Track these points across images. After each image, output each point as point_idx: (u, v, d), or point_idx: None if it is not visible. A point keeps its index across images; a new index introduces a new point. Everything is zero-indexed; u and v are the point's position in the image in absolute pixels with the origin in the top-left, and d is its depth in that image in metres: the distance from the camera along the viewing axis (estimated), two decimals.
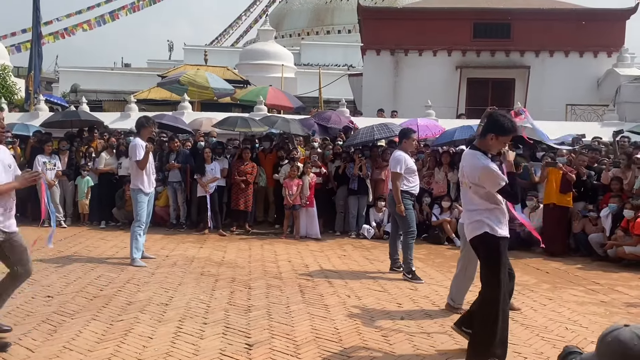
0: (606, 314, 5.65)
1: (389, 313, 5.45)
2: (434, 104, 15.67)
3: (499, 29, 20.32)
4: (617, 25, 20.00)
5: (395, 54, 20.65)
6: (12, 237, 4.38)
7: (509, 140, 4.22)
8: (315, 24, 39.13)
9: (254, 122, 11.90)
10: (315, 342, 4.56)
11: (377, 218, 10.34)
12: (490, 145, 4.18)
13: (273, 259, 7.98)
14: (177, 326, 4.86)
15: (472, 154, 4.22)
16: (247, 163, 10.52)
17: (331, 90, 23.31)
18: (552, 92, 19.44)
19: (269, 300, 5.77)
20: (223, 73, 22.51)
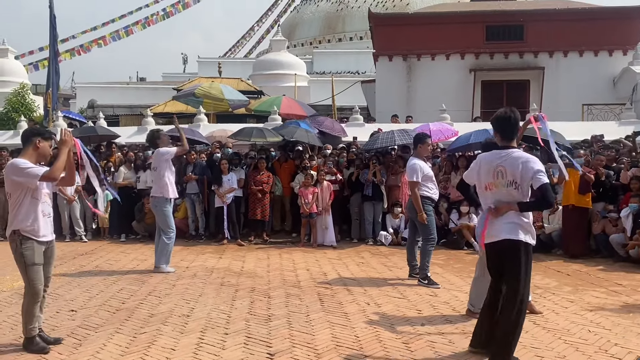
0: (629, 316, 5.58)
1: (409, 320, 5.44)
2: (449, 108, 15.64)
3: (512, 31, 20.23)
4: (632, 22, 19.80)
5: (407, 59, 20.65)
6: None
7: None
8: (326, 32, 39.29)
9: (269, 132, 11.98)
10: (336, 350, 4.58)
11: (393, 224, 10.33)
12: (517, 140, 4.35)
13: (291, 268, 8.01)
14: (199, 337, 4.91)
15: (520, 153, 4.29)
16: (262, 173, 10.59)
17: (344, 98, 23.36)
18: (567, 92, 19.28)
19: (288, 309, 5.80)
20: (237, 84, 22.71)
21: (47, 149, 4.69)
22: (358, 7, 37.66)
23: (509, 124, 4.32)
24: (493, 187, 4.30)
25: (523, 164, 4.14)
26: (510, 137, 4.32)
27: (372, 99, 21.91)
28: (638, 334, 5.00)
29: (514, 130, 4.32)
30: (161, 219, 7.78)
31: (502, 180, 4.24)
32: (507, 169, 4.20)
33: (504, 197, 4.24)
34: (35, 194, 4.54)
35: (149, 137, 8.09)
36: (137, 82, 39.77)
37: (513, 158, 4.20)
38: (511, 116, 4.31)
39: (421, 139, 7.25)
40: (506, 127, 4.34)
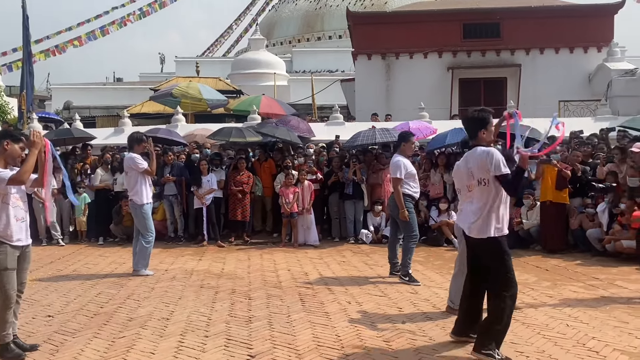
0: (606, 310, 5.66)
1: (390, 318, 5.45)
2: (427, 106, 15.73)
3: (489, 29, 20.42)
4: (606, 20, 20.12)
5: (386, 57, 20.72)
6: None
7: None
8: (305, 30, 39.24)
9: (248, 131, 11.91)
10: (317, 350, 4.56)
11: (374, 222, 10.35)
12: (484, 138, 4.38)
13: (272, 269, 7.98)
14: (179, 340, 4.85)
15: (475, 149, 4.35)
16: (242, 173, 10.53)
17: (324, 97, 23.38)
18: (544, 89, 19.52)
19: (269, 310, 5.77)
20: (215, 84, 22.60)
21: (16, 151, 4.57)
22: (337, 5, 37.69)
23: (471, 123, 4.44)
24: (472, 187, 4.40)
25: (484, 160, 4.23)
26: (473, 135, 4.42)
27: (352, 97, 21.96)
28: (615, 327, 5.07)
29: (477, 129, 4.38)
30: (140, 221, 7.69)
31: (474, 181, 4.35)
32: (474, 169, 4.32)
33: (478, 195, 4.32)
34: (6, 199, 4.43)
35: (128, 139, 8.01)
36: (114, 83, 39.36)
37: (476, 156, 4.31)
38: (473, 116, 4.42)
39: (405, 137, 7.28)
40: (468, 126, 4.49)
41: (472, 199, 4.39)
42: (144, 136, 7.96)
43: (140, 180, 7.66)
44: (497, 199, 4.28)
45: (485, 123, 4.39)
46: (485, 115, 4.41)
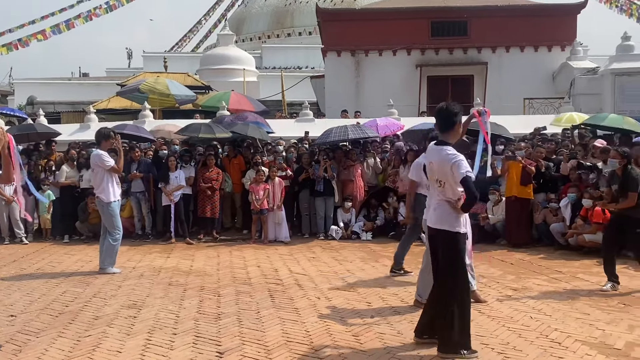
0: (568, 302, 5.82)
1: (359, 312, 5.50)
2: (396, 103, 15.86)
3: (456, 27, 20.68)
4: (569, 19, 20.59)
5: (355, 54, 20.80)
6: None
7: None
8: (275, 27, 39.03)
9: (217, 127, 11.82)
10: (286, 346, 4.57)
11: (344, 218, 10.40)
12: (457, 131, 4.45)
13: (242, 265, 7.95)
14: (146, 338, 4.80)
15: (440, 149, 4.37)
16: (211, 170, 10.45)
17: (294, 93, 23.33)
18: (510, 86, 19.88)
19: (238, 306, 5.75)
20: (184, 79, 22.33)
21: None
22: (306, 2, 37.59)
23: (441, 116, 4.48)
24: (430, 180, 4.53)
25: (447, 164, 4.25)
26: (443, 129, 4.45)
27: (322, 94, 21.99)
28: (577, 318, 5.22)
29: (448, 122, 4.42)
30: (107, 219, 7.57)
31: (433, 176, 4.45)
32: (435, 167, 4.39)
33: (436, 191, 4.43)
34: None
35: (96, 135, 7.87)
36: (80, 78, 38.53)
37: (441, 157, 4.32)
38: (443, 107, 4.46)
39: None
40: (439, 119, 4.51)
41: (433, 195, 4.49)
42: (112, 132, 7.83)
43: (107, 177, 7.54)
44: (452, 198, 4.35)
45: (460, 115, 4.46)
46: (460, 109, 4.48)
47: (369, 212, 10.56)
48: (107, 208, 7.53)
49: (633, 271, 7.30)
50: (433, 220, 4.46)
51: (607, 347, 4.45)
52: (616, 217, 6.55)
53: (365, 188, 10.70)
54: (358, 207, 10.55)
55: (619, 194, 6.39)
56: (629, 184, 6.23)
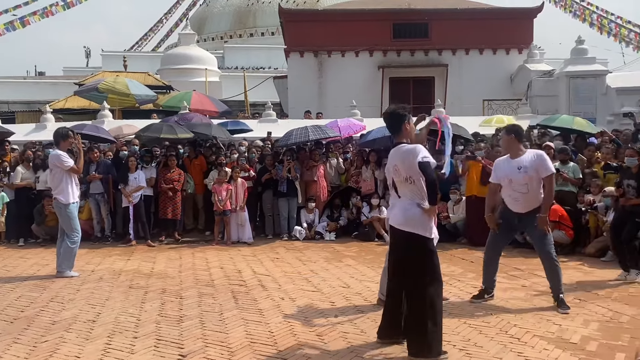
0: (528, 298, 5.97)
1: (323, 312, 5.51)
2: (359, 104, 15.95)
3: (417, 29, 20.93)
4: (526, 23, 21.10)
5: (318, 55, 20.83)
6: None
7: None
8: (237, 26, 38.75)
9: (180, 128, 11.66)
10: (250, 347, 4.54)
11: (308, 219, 10.41)
12: (408, 131, 4.47)
13: (205, 267, 7.86)
14: (106, 342, 4.70)
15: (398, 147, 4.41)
16: (173, 170, 10.31)
17: (257, 93, 23.22)
18: (469, 88, 20.23)
19: (201, 308, 5.69)
20: (144, 79, 21.96)
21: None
22: (269, 2, 37.46)
23: (390, 119, 4.52)
24: (399, 183, 4.47)
25: (408, 157, 4.30)
26: (396, 131, 4.48)
27: (285, 94, 21.93)
28: (534, 314, 5.36)
29: (398, 124, 4.45)
30: (65, 221, 7.37)
31: (400, 178, 4.42)
32: (400, 166, 4.39)
33: (408, 193, 4.40)
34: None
35: (54, 135, 7.65)
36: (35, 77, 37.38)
37: (401, 153, 4.38)
38: (392, 111, 4.52)
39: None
40: (389, 122, 4.55)
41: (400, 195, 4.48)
42: (71, 132, 7.63)
43: (65, 178, 7.34)
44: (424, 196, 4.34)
45: (406, 117, 4.47)
46: (404, 109, 4.52)
47: (332, 212, 10.60)
48: (65, 210, 7.33)
49: (587, 267, 7.56)
50: (401, 221, 4.40)
51: (564, 342, 4.58)
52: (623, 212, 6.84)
53: (328, 188, 10.73)
54: (321, 208, 10.58)
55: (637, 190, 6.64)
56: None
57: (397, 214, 4.46)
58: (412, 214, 4.34)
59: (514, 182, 5.57)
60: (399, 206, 4.47)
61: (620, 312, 5.38)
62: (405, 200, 4.43)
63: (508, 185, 5.67)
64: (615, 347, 4.42)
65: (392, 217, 4.53)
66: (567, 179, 8.83)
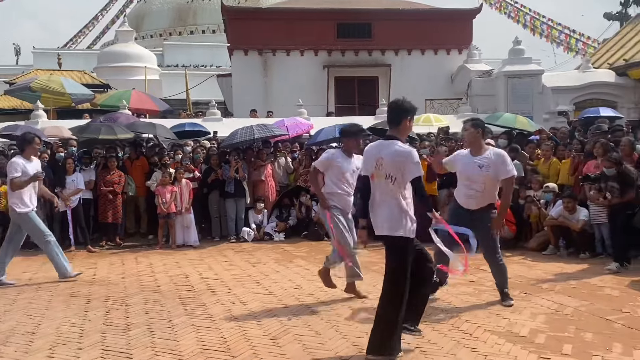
0: (475, 293, 6.08)
1: (276, 315, 5.41)
2: (305, 103, 15.91)
3: (361, 29, 21.07)
4: (465, 24, 21.61)
5: (263, 53, 20.64)
6: None
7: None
8: (177, 24, 37.90)
9: (119, 128, 11.25)
10: (202, 354, 4.40)
11: (256, 220, 10.27)
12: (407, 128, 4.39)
13: (149, 272, 7.60)
14: (48, 355, 4.44)
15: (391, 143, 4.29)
16: (113, 172, 9.94)
17: (200, 92, 22.79)
18: (412, 88, 20.41)
19: (149, 316, 5.48)
20: (80, 77, 21.19)
21: None
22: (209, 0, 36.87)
23: (395, 109, 4.39)
24: (375, 177, 4.33)
25: (400, 157, 4.19)
26: (394, 124, 4.37)
27: (229, 93, 21.62)
28: (484, 309, 5.47)
29: (400, 117, 4.34)
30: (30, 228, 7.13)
31: (381, 172, 4.28)
32: (385, 161, 4.25)
33: (383, 189, 4.30)
34: None
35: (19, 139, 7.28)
36: None
37: (392, 151, 4.23)
38: (400, 103, 4.39)
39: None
40: (392, 112, 4.40)
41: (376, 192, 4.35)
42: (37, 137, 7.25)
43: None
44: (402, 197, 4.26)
45: (412, 113, 4.40)
46: (412, 106, 4.40)
47: (281, 212, 10.50)
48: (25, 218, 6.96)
49: (530, 261, 7.81)
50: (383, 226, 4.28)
51: (513, 335, 4.68)
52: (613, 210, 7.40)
53: (276, 188, 10.63)
54: (270, 208, 10.46)
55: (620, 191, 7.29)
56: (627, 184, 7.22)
57: (377, 221, 4.34)
58: (390, 216, 4.24)
59: (471, 180, 5.49)
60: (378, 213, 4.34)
61: (564, 304, 5.56)
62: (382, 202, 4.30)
63: (464, 182, 5.59)
64: (562, 339, 4.55)
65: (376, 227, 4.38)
66: None
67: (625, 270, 6.95)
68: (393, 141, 4.30)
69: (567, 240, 8.15)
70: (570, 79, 17.45)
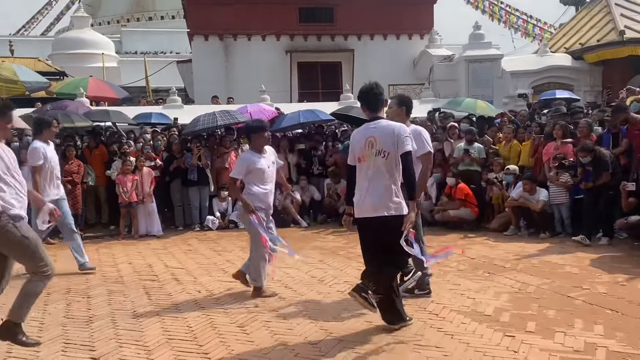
0: (441, 274, 6.15)
1: (243, 302, 5.36)
2: (269, 89, 15.76)
3: (323, 14, 20.91)
4: (427, 9, 21.69)
5: (224, 39, 20.29)
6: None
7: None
8: (135, 9, 36.93)
9: (77, 116, 10.92)
10: (168, 344, 4.32)
11: (220, 208, 10.15)
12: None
13: (112, 263, 7.44)
14: (7, 351, 4.29)
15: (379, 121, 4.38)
16: (72, 162, 9.64)
17: (160, 79, 22.29)
18: (375, 73, 20.29)
19: (111, 307, 5.35)
20: (34, 64, 20.41)
21: None
22: None
23: (371, 95, 4.43)
24: (364, 158, 4.34)
25: (391, 132, 4.26)
26: (375, 108, 4.43)
27: (190, 79, 21.21)
28: (449, 289, 5.54)
29: (378, 101, 4.44)
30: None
31: (372, 150, 4.29)
32: (377, 138, 4.28)
33: (372, 168, 4.29)
34: None
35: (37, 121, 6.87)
36: None
37: (382, 127, 4.32)
38: (372, 88, 4.44)
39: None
40: (370, 98, 4.44)
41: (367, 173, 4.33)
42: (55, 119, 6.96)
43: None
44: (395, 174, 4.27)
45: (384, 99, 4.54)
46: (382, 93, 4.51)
47: None
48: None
49: (492, 242, 7.95)
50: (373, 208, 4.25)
51: (479, 314, 4.75)
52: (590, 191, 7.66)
53: None
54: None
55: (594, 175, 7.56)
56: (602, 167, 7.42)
57: (367, 202, 4.29)
58: (384, 195, 4.23)
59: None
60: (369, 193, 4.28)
61: (527, 282, 5.68)
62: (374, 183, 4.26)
63: None
64: (526, 317, 4.64)
65: (363, 209, 4.31)
66: (474, 159, 9.22)
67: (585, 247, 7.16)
68: (381, 120, 4.40)
69: (528, 220, 8.33)
70: (529, 63, 17.75)
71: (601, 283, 5.58)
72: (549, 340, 4.10)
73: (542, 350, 3.93)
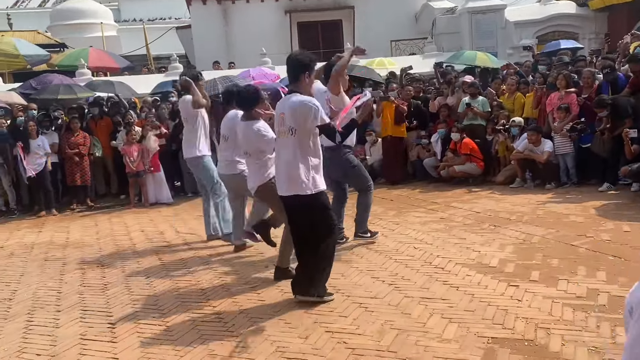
0: (446, 229, 6.24)
1: (254, 264, 5.49)
2: (269, 51, 15.63)
3: None
4: None
5: (222, 2, 20.01)
6: None
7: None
8: None
9: (78, 87, 10.93)
10: (182, 306, 4.46)
11: None
12: (306, 83, 4.19)
13: (124, 232, 7.58)
14: (27, 320, 4.46)
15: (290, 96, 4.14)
16: (77, 134, 9.71)
17: (160, 46, 22.10)
18: (376, 30, 20.24)
19: (126, 274, 5.50)
20: (33, 37, 20.29)
21: None
22: None
23: (292, 65, 4.17)
24: (280, 136, 4.20)
25: (298, 108, 4.03)
26: (292, 80, 4.20)
27: (190, 45, 21.04)
28: (455, 244, 5.62)
29: (295, 69, 4.14)
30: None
31: (283, 128, 4.12)
32: (286, 114, 4.08)
33: (284, 145, 4.13)
34: None
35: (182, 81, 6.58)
36: None
37: (291, 102, 4.07)
38: (295, 57, 4.20)
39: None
40: (289, 68, 4.19)
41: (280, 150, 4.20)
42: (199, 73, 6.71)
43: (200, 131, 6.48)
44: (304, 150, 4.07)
45: (310, 68, 4.18)
46: (310, 60, 4.19)
47: None
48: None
49: (498, 195, 7.99)
50: (283, 187, 4.15)
51: (484, 267, 4.84)
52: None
53: None
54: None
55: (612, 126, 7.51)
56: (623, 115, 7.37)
57: (279, 180, 4.22)
58: (292, 174, 4.06)
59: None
60: (280, 171, 4.20)
61: (532, 233, 5.76)
62: (283, 159, 4.13)
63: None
64: (530, 267, 4.73)
65: (280, 188, 4.22)
66: (477, 113, 9.18)
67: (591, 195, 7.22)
68: (293, 94, 4.13)
69: (533, 172, 8.34)
70: (533, 13, 17.44)
71: (605, 231, 5.65)
72: (552, 288, 4.20)
73: (545, 297, 4.03)
